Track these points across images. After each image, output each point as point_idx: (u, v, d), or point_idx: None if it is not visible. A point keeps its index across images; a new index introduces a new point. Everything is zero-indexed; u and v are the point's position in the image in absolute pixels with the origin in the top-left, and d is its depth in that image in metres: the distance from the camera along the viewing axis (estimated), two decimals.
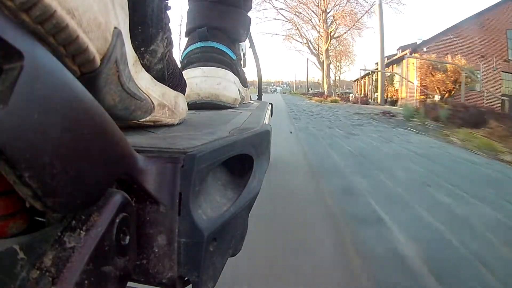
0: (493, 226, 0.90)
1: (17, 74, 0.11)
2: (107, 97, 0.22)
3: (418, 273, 0.66)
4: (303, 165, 1.60)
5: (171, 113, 0.34)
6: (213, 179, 0.26)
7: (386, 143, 2.28)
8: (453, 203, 1.07)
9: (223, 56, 0.66)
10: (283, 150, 1.90)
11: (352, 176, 1.40)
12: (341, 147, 2.11)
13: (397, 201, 1.10)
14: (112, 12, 0.21)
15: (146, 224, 0.20)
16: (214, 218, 0.23)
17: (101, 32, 0.19)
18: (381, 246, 0.77)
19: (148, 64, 0.30)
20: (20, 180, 0.12)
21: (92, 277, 0.15)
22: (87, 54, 0.18)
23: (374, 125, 3.55)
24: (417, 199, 1.11)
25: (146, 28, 0.28)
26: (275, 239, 0.80)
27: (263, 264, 0.67)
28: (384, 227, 0.88)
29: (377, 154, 1.90)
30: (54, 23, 0.14)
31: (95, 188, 0.17)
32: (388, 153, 1.95)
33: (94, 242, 0.16)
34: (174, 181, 0.21)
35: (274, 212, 0.96)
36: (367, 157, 1.80)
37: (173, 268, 0.20)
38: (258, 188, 0.30)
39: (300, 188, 1.22)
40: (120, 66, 0.22)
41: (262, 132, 0.35)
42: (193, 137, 0.27)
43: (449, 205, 1.05)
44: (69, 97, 0.14)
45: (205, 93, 0.62)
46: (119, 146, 0.18)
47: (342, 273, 0.66)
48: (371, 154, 1.88)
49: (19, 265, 0.14)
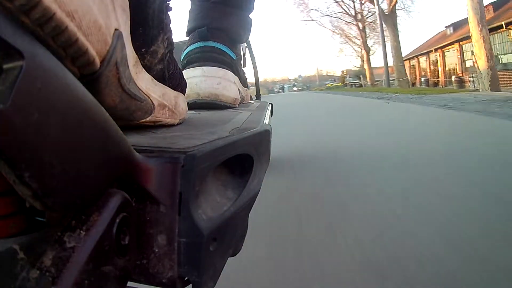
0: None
1: (17, 74, 0.11)
2: (107, 99, 0.22)
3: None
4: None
5: (171, 113, 0.34)
6: (213, 179, 0.26)
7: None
8: None
9: (223, 56, 0.66)
10: None
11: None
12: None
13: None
14: (112, 14, 0.21)
15: (146, 224, 0.20)
16: (214, 218, 0.23)
17: (101, 34, 0.19)
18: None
19: (149, 64, 0.30)
20: (20, 180, 0.12)
21: (92, 277, 0.15)
22: (86, 56, 0.18)
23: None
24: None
25: (147, 29, 0.28)
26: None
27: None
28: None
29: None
30: (54, 25, 0.14)
31: (95, 188, 0.17)
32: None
33: (94, 242, 0.16)
34: (174, 181, 0.21)
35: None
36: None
37: (173, 268, 0.20)
38: (258, 188, 0.30)
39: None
40: (120, 68, 0.22)
41: (262, 131, 0.35)
42: (193, 137, 0.27)
43: None
44: (69, 97, 0.14)
45: (205, 93, 0.62)
46: (119, 146, 0.18)
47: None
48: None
49: (19, 265, 0.14)
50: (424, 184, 1.00)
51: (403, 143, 1.62)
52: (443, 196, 0.89)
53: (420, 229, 0.72)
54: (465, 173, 1.07)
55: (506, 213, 0.76)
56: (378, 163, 1.27)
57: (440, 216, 0.77)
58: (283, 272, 0.61)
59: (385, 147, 1.54)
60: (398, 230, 0.72)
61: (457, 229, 0.70)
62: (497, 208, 0.79)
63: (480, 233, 0.68)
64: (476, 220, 0.74)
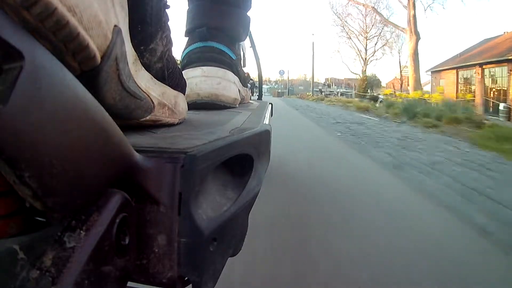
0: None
1: (17, 74, 0.11)
2: (107, 96, 0.22)
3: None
4: None
5: (171, 113, 0.34)
6: (213, 179, 0.26)
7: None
8: None
9: (223, 56, 0.66)
10: None
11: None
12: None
13: None
14: (112, 10, 0.21)
15: (146, 224, 0.20)
16: (214, 218, 0.23)
17: (101, 29, 0.19)
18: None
19: (148, 63, 0.29)
20: (20, 180, 0.12)
21: (92, 277, 0.15)
22: (87, 51, 0.18)
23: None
24: None
25: (145, 26, 0.28)
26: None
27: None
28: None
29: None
30: (55, 20, 0.14)
31: (95, 188, 0.16)
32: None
33: (94, 242, 0.16)
34: (174, 181, 0.21)
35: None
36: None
37: (173, 268, 0.20)
38: (258, 188, 0.30)
39: None
40: (120, 64, 0.22)
41: (262, 131, 0.35)
42: (193, 137, 0.27)
43: None
44: (69, 97, 0.14)
45: (205, 93, 0.62)
46: (119, 146, 0.18)
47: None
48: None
49: (19, 265, 0.14)
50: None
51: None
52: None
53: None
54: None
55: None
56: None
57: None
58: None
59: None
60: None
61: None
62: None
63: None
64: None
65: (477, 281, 0.66)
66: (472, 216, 1.03)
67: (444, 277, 0.67)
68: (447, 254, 0.76)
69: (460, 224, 0.96)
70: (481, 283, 0.66)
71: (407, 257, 0.74)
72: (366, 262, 0.71)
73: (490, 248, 0.82)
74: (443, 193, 1.25)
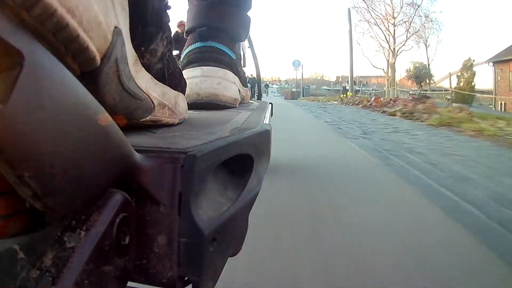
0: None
1: (17, 74, 0.11)
2: (107, 97, 0.22)
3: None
4: None
5: (171, 113, 0.34)
6: (213, 179, 0.26)
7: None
8: None
9: (223, 56, 0.66)
10: None
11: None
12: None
13: None
14: (112, 11, 0.21)
15: (146, 224, 0.20)
16: (214, 218, 0.23)
17: (101, 31, 0.19)
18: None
19: (148, 63, 0.29)
20: (20, 180, 0.12)
21: (92, 277, 0.15)
22: (87, 53, 0.18)
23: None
24: None
25: (146, 27, 0.28)
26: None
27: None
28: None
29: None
30: (55, 22, 0.14)
31: (95, 188, 0.16)
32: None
33: (94, 242, 0.16)
34: (174, 181, 0.21)
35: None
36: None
37: (173, 268, 0.20)
38: (258, 188, 0.30)
39: None
40: (120, 65, 0.22)
41: (262, 131, 0.35)
42: (193, 137, 0.27)
43: None
44: (69, 97, 0.14)
45: (205, 93, 0.62)
46: (119, 146, 0.18)
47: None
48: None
49: (19, 265, 0.14)
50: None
51: None
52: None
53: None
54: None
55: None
56: None
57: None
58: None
59: None
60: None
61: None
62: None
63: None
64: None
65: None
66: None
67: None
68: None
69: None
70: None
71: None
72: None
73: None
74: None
